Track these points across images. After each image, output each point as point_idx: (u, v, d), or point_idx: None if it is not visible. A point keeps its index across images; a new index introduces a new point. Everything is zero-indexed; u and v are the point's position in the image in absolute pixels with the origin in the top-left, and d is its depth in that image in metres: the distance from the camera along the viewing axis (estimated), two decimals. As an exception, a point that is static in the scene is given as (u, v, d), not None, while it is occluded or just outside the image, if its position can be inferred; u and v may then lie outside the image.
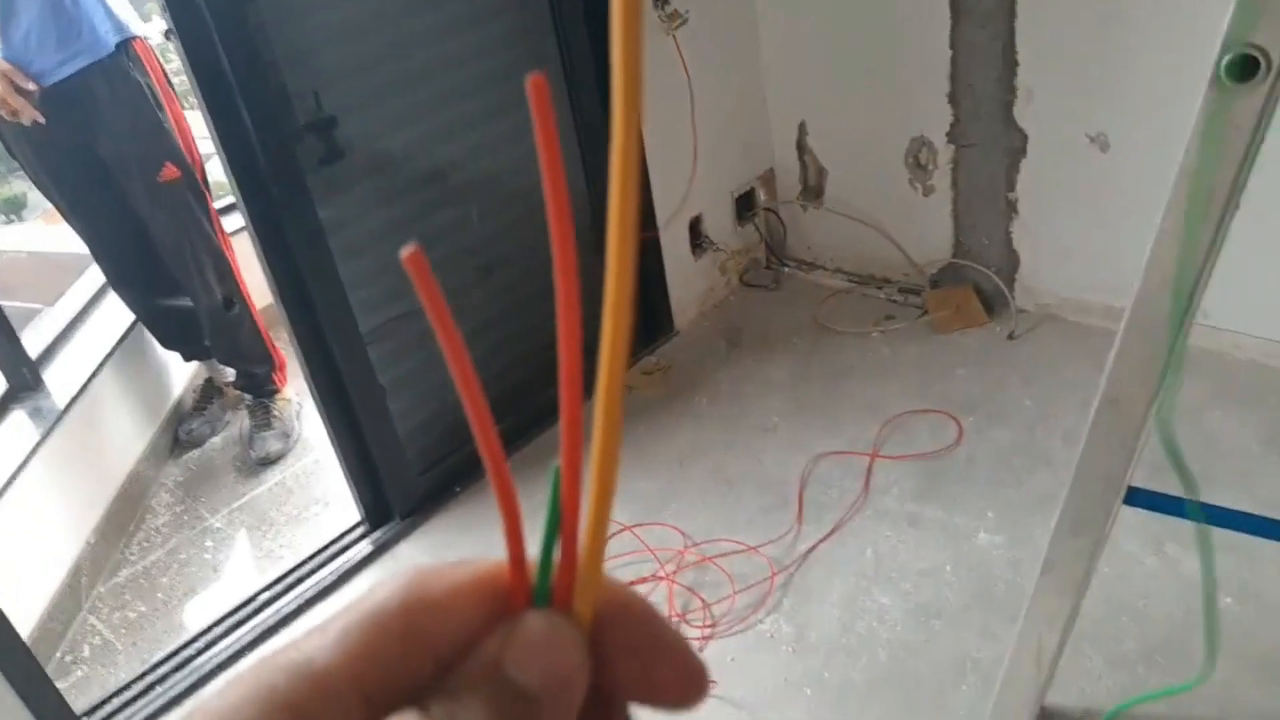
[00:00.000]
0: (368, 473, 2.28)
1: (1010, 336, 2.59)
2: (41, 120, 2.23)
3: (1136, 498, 0.98)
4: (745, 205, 2.99)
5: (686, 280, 2.85)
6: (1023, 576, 1.91)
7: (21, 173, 4.87)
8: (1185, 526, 1.44)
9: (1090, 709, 1.64)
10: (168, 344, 2.78)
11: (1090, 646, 1.72)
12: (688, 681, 0.26)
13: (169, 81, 2.46)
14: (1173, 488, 1.16)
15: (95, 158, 2.36)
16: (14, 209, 5.47)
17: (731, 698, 1.78)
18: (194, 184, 2.45)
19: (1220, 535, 1.63)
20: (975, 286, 2.74)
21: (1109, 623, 1.76)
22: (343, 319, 2.11)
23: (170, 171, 2.36)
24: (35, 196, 5.34)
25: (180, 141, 2.41)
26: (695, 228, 2.85)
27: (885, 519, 2.12)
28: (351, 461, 2.25)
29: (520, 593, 0.24)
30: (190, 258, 2.46)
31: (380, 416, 2.24)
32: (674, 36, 2.60)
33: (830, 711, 1.73)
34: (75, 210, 2.45)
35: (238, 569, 2.40)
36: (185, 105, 2.51)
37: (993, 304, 2.71)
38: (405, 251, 0.21)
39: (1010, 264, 2.66)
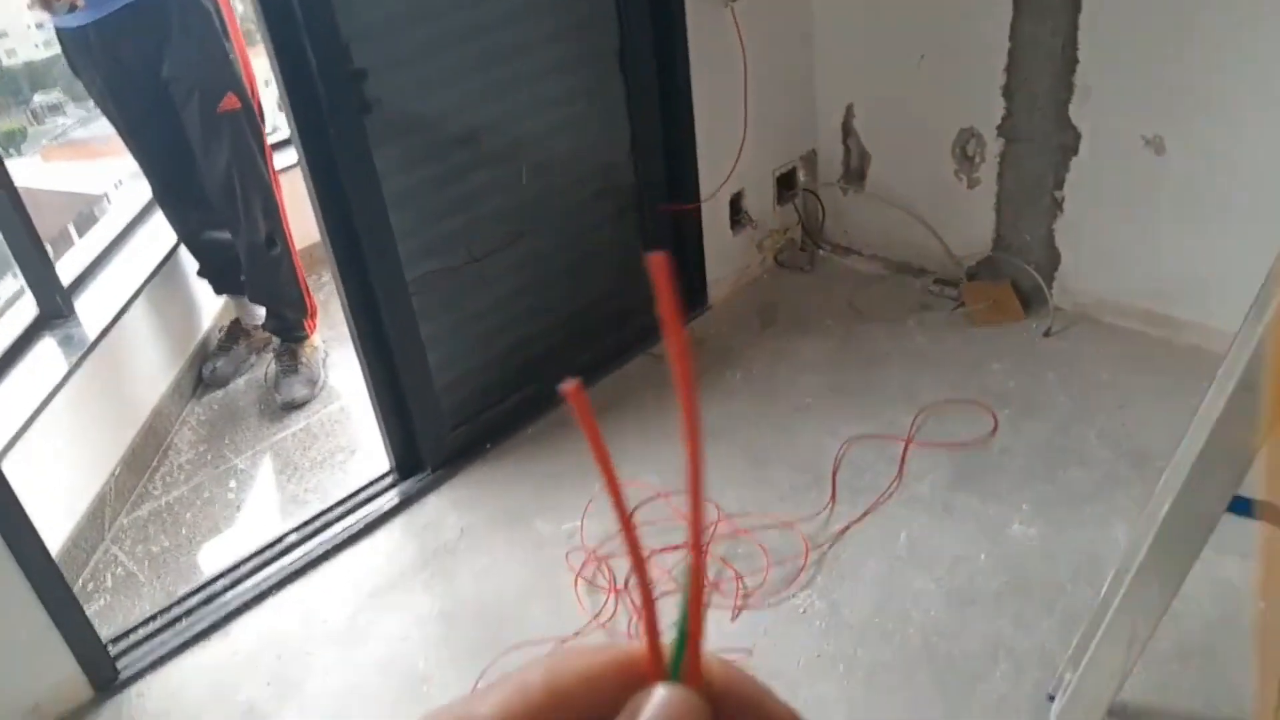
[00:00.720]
0: (401, 422, 2.27)
1: (1046, 334, 2.60)
2: (81, 4, 2.20)
3: (1239, 505, 0.98)
4: (786, 185, 2.98)
5: (723, 256, 2.84)
6: (1057, 570, 1.92)
7: (24, 106, 4.82)
8: (1222, 530, 1.46)
9: (1125, 703, 1.65)
10: (204, 273, 2.76)
11: (1125, 642, 1.73)
12: None
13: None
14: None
15: (158, 81, 2.34)
16: (12, 143, 5.39)
17: (763, 668, 1.79)
18: (251, 117, 2.43)
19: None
20: (1012, 282, 2.74)
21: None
22: (389, 265, 2.10)
23: (231, 102, 2.34)
24: (35, 131, 5.27)
25: (243, 73, 2.38)
26: (736, 204, 2.84)
27: (919, 505, 2.13)
28: (386, 409, 2.24)
29: (655, 671, 0.27)
30: (239, 191, 2.44)
31: (418, 366, 2.23)
32: (731, 9, 2.58)
33: (863, 688, 1.74)
34: (133, 131, 2.44)
35: (262, 510, 2.39)
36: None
37: (1029, 300, 2.71)
38: (566, 386, 0.26)
39: (1050, 261, 2.66)
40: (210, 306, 3.02)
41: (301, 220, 2.70)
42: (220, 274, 2.75)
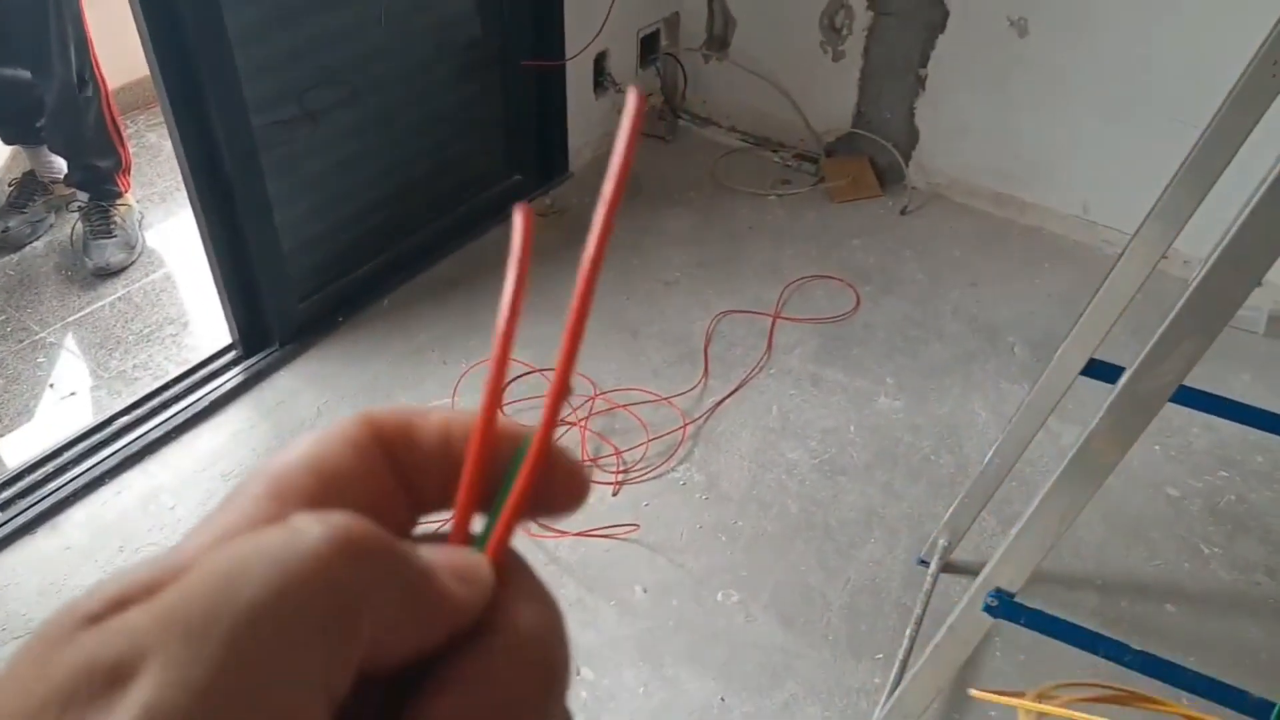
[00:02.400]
0: (245, 291, 2.06)
1: (903, 212, 2.65)
2: None
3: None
4: (649, 48, 2.86)
5: (586, 120, 2.71)
6: (921, 441, 2.01)
7: None
8: (1065, 402, 1.55)
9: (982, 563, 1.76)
10: (-11, 120, 2.37)
11: (985, 510, 1.84)
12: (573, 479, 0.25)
13: None
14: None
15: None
16: None
17: (647, 541, 1.79)
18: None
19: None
20: (870, 159, 2.77)
21: (1000, 487, 1.88)
22: (233, 107, 1.85)
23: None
24: None
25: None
26: (600, 65, 2.70)
27: (789, 378, 2.16)
28: (228, 276, 2.02)
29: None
30: (53, 21, 2.06)
31: (265, 228, 2.02)
32: None
33: (746, 556, 1.77)
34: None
35: (82, 389, 2.14)
36: None
37: (885, 178, 2.75)
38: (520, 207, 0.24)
39: (909, 140, 2.70)
40: (-6, 156, 2.62)
41: (111, 56, 2.36)
42: (12, 120, 2.37)
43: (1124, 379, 0.89)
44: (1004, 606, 1.06)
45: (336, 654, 0.18)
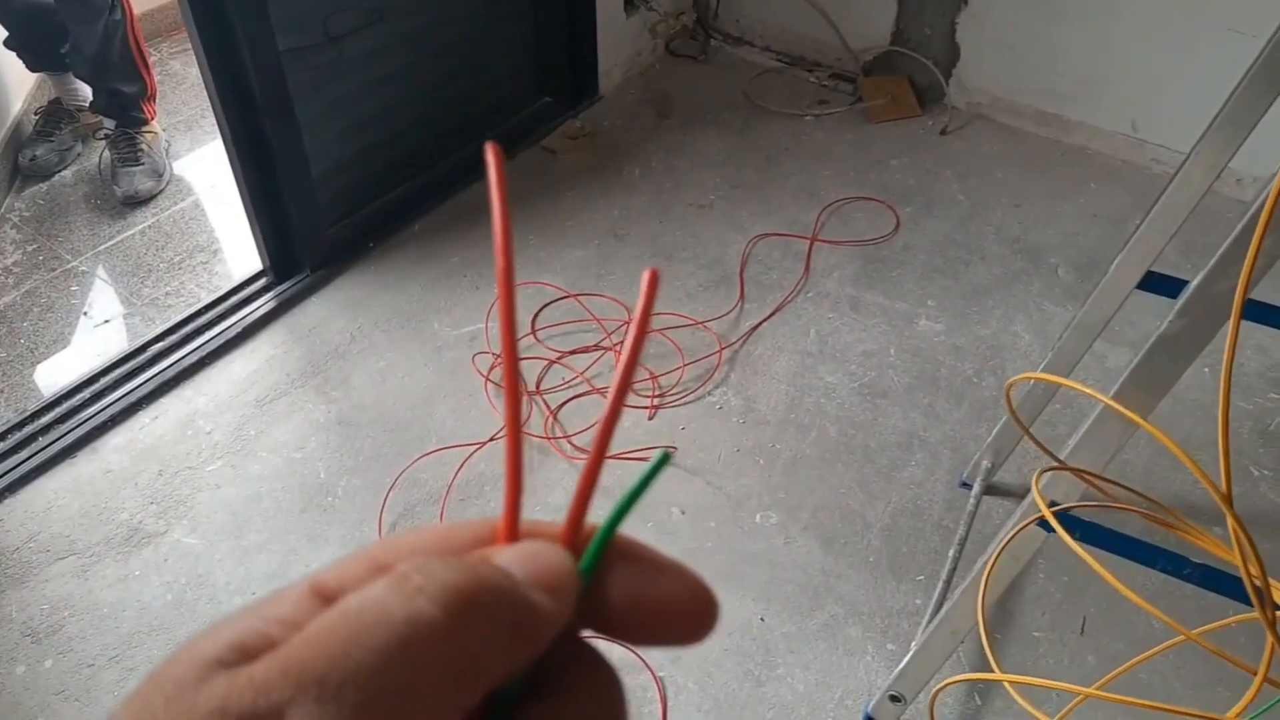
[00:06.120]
0: (275, 217, 2.04)
1: (943, 132, 2.57)
2: None
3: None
4: (681, -37, 2.77)
5: (616, 40, 2.64)
6: (964, 362, 1.97)
7: None
8: (1110, 324, 1.50)
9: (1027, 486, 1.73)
10: (13, 44, 2.33)
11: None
12: (693, 599, 0.25)
13: None
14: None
15: None
16: None
17: (685, 464, 1.77)
18: None
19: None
20: (909, 77, 2.68)
21: (1044, 411, 1.85)
22: (259, 30, 1.81)
23: None
24: None
25: None
26: (630, -19, 2.62)
27: (827, 301, 2.11)
28: (258, 202, 2.00)
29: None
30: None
31: (293, 153, 1.98)
32: None
33: (784, 479, 1.75)
34: None
35: (116, 317, 2.14)
36: None
37: (925, 97, 2.67)
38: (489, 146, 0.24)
39: (950, 57, 2.61)
40: (20, 84, 2.59)
41: (132, -21, 2.32)
42: (35, 45, 2.33)
43: (1200, 277, 0.85)
44: (1059, 521, 1.03)
45: (456, 703, 0.20)
